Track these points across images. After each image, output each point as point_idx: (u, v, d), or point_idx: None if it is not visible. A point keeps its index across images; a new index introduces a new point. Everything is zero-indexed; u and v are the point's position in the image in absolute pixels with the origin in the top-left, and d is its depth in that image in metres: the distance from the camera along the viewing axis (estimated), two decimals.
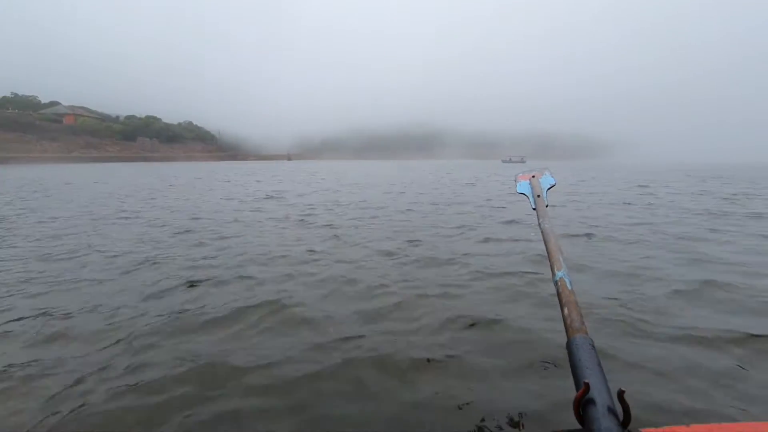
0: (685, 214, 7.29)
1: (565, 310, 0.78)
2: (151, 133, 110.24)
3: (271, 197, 11.16)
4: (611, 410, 0.59)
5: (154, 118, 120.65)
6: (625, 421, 0.60)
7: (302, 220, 6.87)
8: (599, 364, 0.67)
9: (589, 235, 5.21)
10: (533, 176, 1.48)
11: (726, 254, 4.20)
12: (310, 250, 4.44)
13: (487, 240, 4.99)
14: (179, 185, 16.76)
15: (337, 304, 2.77)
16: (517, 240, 4.96)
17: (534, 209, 1.28)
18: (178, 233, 5.67)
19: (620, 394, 0.60)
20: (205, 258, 4.16)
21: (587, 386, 0.60)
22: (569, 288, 0.83)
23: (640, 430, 0.68)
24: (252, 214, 7.75)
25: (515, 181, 1.55)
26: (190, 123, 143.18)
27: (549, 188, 1.39)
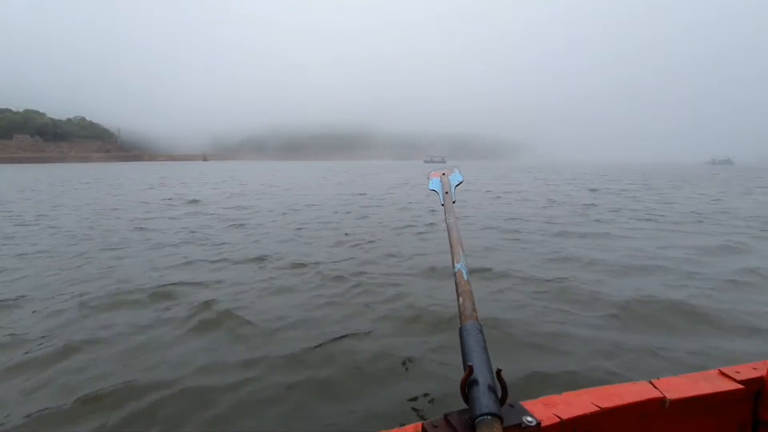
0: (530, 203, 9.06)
1: (460, 300, 0.82)
2: (32, 129, 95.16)
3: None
4: (491, 388, 0.64)
5: (36, 112, 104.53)
6: (503, 397, 0.67)
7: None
8: (485, 347, 0.71)
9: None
10: (443, 174, 1.53)
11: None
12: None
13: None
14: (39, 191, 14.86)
15: None
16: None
17: (442, 205, 1.32)
18: None
19: (498, 372, 0.65)
20: None
21: (470, 369, 0.66)
22: (465, 278, 0.87)
23: (521, 402, 0.77)
24: None
25: (428, 179, 1.59)
26: (83, 119, 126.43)
27: (457, 185, 1.45)
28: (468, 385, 0.66)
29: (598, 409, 0.90)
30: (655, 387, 1.01)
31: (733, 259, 4.54)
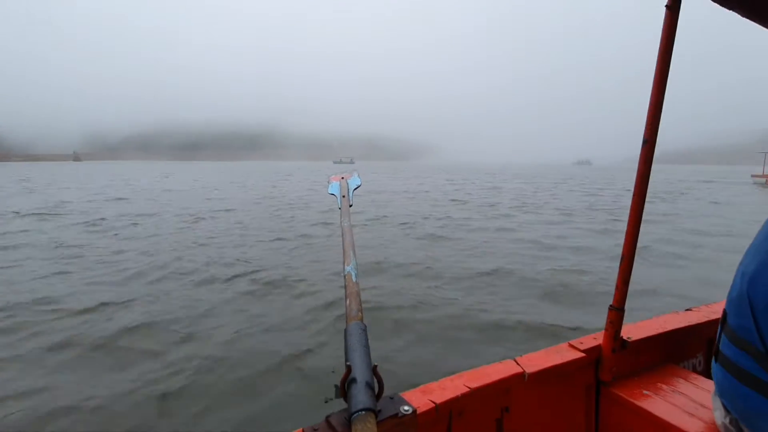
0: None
1: (348, 301, 0.83)
2: None
3: None
4: (368, 385, 0.66)
5: None
6: (380, 391, 0.70)
7: None
8: (366, 345, 0.73)
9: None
10: (342, 178, 1.53)
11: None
12: None
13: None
14: None
15: None
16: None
17: (339, 208, 1.32)
18: None
19: (374, 369, 0.68)
20: None
21: (349, 368, 0.67)
22: (354, 280, 0.89)
23: (400, 394, 0.83)
24: None
25: (329, 182, 1.59)
26: None
27: (355, 189, 1.45)
28: (348, 383, 0.67)
29: (468, 389, 0.98)
30: (517, 364, 1.13)
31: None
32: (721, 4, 1.02)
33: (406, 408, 0.78)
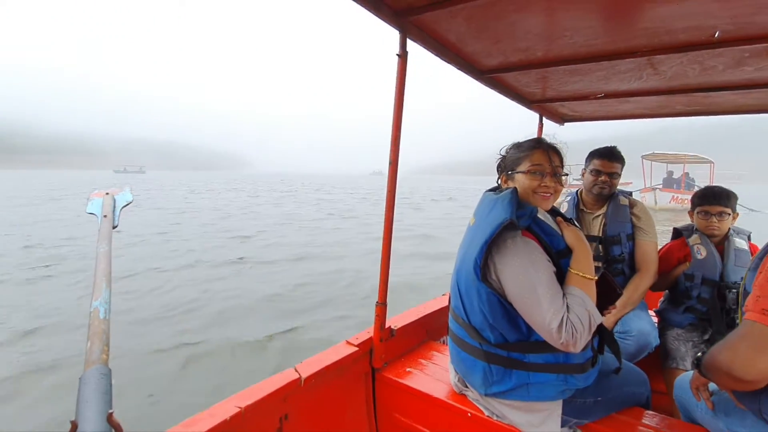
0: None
1: (89, 343, 0.71)
2: None
3: None
4: None
5: None
6: None
7: None
8: (107, 392, 0.64)
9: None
10: (107, 193, 1.30)
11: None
12: None
13: None
14: None
15: None
16: None
17: (99, 231, 1.08)
18: None
19: (109, 417, 0.61)
20: None
21: (74, 424, 0.59)
22: (102, 317, 0.75)
23: None
24: None
25: (88, 199, 1.30)
26: None
27: (124, 206, 1.22)
28: None
29: (239, 409, 0.97)
30: (296, 371, 1.18)
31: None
32: (439, 57, 1.44)
33: None
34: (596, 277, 1.10)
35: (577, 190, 2.02)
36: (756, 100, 1.96)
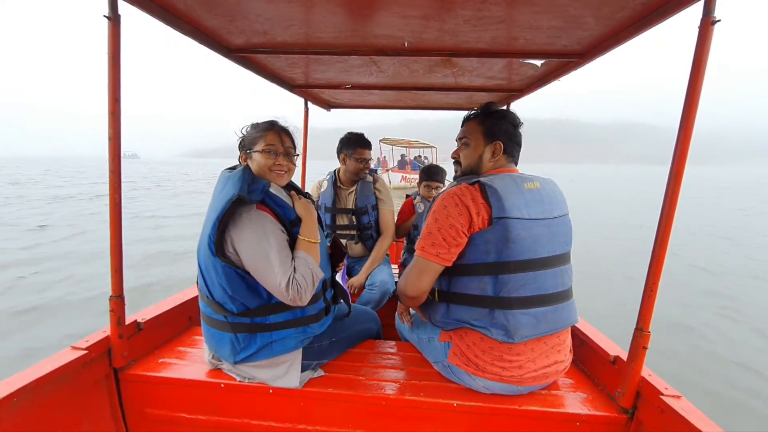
0: None
1: None
2: None
3: None
4: None
5: None
6: None
7: None
8: None
9: None
10: None
11: None
12: None
13: None
14: None
15: None
16: None
17: None
18: None
19: None
20: None
21: None
22: None
23: None
24: None
25: None
26: None
27: None
28: None
29: None
30: None
31: None
32: (173, 28, 1.28)
33: None
34: (321, 241, 1.28)
35: (335, 170, 2.30)
36: (456, 99, 2.65)
